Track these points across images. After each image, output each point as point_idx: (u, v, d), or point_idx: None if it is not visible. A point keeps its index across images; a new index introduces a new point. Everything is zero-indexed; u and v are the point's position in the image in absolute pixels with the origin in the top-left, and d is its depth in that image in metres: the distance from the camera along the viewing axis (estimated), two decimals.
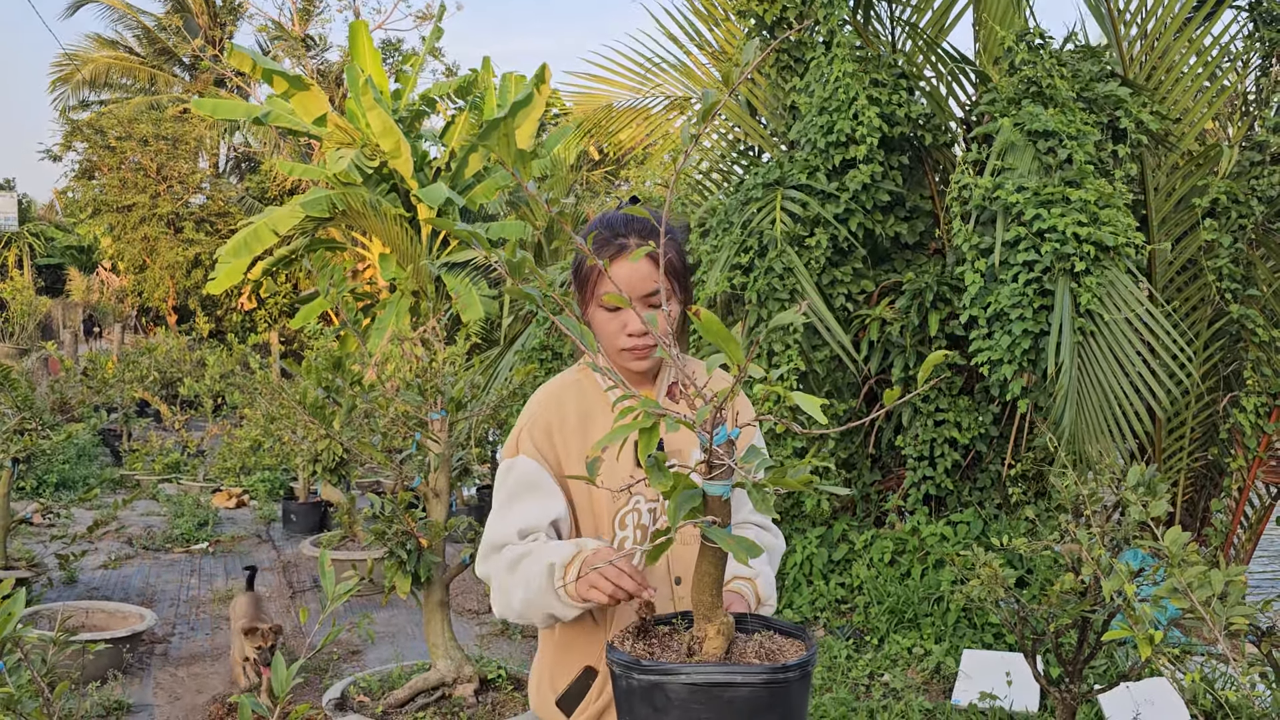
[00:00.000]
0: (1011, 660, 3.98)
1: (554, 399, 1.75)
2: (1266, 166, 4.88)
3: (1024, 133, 4.53)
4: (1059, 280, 4.30)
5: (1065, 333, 4.22)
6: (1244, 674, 2.18)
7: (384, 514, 3.29)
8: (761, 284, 4.88)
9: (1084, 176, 4.37)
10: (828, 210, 4.96)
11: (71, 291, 25.83)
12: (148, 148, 17.61)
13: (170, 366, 11.18)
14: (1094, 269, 4.27)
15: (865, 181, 4.95)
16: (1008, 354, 4.35)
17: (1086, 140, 4.48)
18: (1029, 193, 4.35)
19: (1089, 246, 4.23)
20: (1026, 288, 4.34)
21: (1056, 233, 4.26)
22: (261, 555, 6.91)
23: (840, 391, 5.31)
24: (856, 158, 4.99)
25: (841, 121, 4.97)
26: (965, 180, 4.62)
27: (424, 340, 4.89)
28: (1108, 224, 4.27)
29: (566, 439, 1.70)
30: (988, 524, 4.97)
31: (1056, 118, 4.48)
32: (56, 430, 6.96)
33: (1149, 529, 2.51)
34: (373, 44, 12.95)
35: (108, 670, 4.27)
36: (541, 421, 1.72)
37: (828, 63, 5.13)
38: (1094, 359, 4.35)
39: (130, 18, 21.66)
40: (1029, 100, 4.62)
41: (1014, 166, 4.52)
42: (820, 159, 5.06)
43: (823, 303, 4.91)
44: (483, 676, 3.66)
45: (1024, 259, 4.34)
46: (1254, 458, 4.91)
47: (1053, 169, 4.50)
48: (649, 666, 1.28)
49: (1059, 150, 4.49)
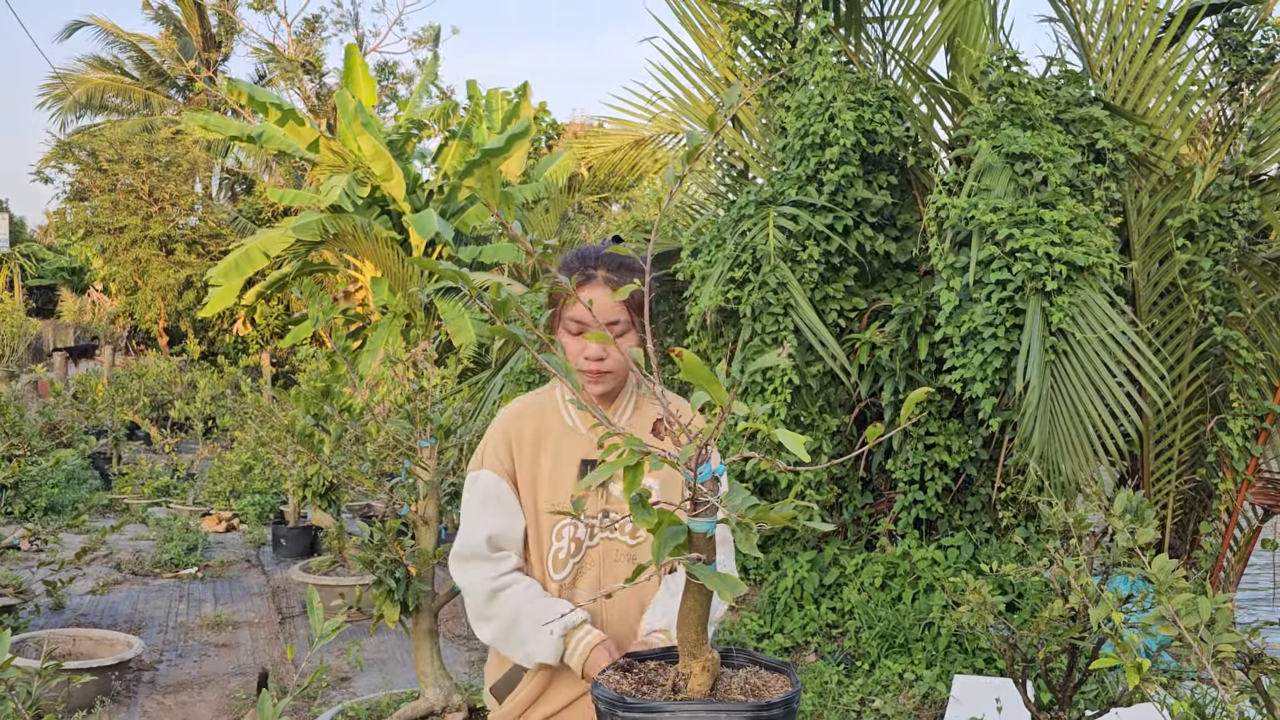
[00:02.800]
0: (1002, 686, 3.97)
1: (516, 416, 1.95)
2: (1245, 190, 4.94)
3: (1001, 155, 4.58)
4: (1030, 299, 4.34)
5: (1035, 351, 4.25)
6: (1232, 701, 2.19)
7: (372, 542, 3.28)
8: (755, 298, 4.90)
9: (1059, 198, 4.42)
10: (818, 221, 4.99)
11: (63, 313, 25.76)
12: (140, 169, 17.62)
13: (161, 389, 11.15)
14: (1066, 288, 4.31)
15: (837, 182, 4.96)
16: (979, 372, 4.38)
17: (1064, 162, 4.53)
18: (1004, 213, 4.40)
19: (1061, 266, 4.27)
20: (999, 306, 4.37)
21: (1029, 252, 4.30)
22: (251, 580, 6.87)
23: (833, 407, 5.32)
24: (830, 159, 5.02)
25: (816, 124, 5.00)
26: (942, 201, 4.66)
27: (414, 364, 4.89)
28: (1080, 244, 4.31)
29: (522, 454, 1.91)
30: (978, 548, 4.98)
31: (1034, 139, 4.54)
32: (45, 455, 6.92)
33: (1137, 555, 2.52)
34: (366, 68, 13.01)
35: (94, 699, 4.23)
36: (503, 438, 1.92)
37: (810, 70, 5.18)
38: (1066, 378, 4.38)
39: (124, 41, 21.73)
40: (1008, 123, 4.67)
41: (990, 187, 4.57)
42: (800, 167, 5.10)
43: (817, 317, 4.93)
44: (472, 705, 3.64)
45: (997, 278, 4.38)
46: (1242, 480, 4.93)
47: (1029, 190, 4.55)
48: (634, 704, 1.29)
49: (1035, 172, 4.54)
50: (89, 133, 20.71)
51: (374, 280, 12.39)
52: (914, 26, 5.65)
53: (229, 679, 4.81)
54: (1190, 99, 5.25)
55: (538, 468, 1.91)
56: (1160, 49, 5.09)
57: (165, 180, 17.79)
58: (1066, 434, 4.36)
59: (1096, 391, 4.35)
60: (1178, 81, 5.18)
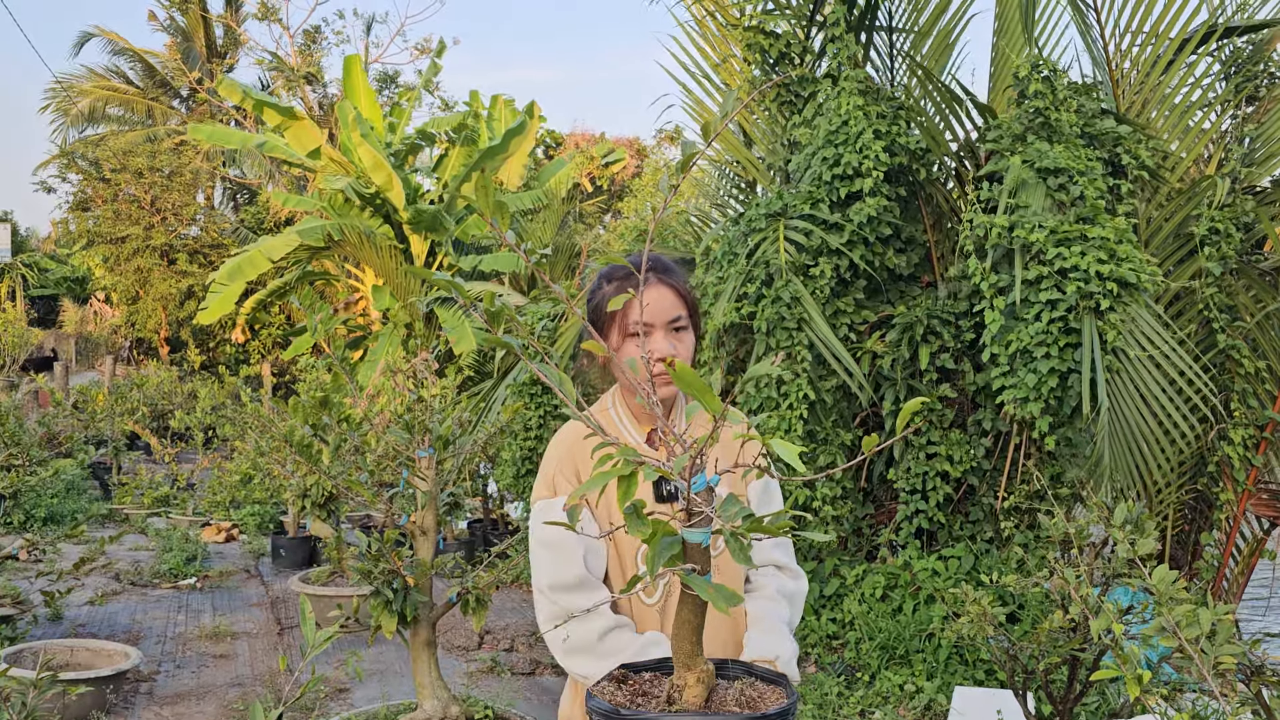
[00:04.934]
0: (1003, 698, 3.95)
1: (579, 439, 1.84)
2: (1238, 196, 4.96)
3: (1034, 170, 4.57)
4: (1084, 319, 4.32)
5: (1097, 371, 4.24)
6: (1233, 714, 2.17)
7: (370, 552, 3.26)
8: (770, 313, 4.90)
9: (1097, 213, 4.42)
10: (833, 240, 4.99)
11: (65, 323, 25.77)
12: (142, 180, 17.66)
13: (161, 399, 11.15)
14: (1117, 306, 4.31)
15: (871, 214, 4.99)
16: (1033, 392, 4.36)
17: (1095, 176, 4.54)
18: (1047, 231, 4.39)
19: (1112, 284, 4.27)
20: (1050, 326, 4.35)
21: (1079, 271, 4.29)
22: (250, 591, 6.86)
23: (846, 421, 5.31)
24: (862, 190, 5.04)
25: (848, 155, 5.02)
26: (979, 220, 4.64)
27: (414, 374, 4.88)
28: (1126, 260, 4.31)
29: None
30: (979, 558, 4.95)
31: (1065, 154, 4.54)
32: (44, 465, 6.92)
33: (1138, 566, 2.50)
34: (366, 78, 13.05)
35: (91, 710, 4.21)
36: (570, 461, 1.83)
37: (834, 95, 5.20)
38: (1119, 396, 4.40)
39: (128, 52, 21.82)
40: (1034, 136, 4.67)
41: (1027, 204, 4.55)
42: (824, 190, 5.11)
43: (830, 332, 4.92)
44: (470, 716, 3.62)
45: (1046, 297, 4.35)
46: (1243, 490, 4.91)
47: (1065, 206, 4.55)
48: (628, 715, 1.27)
49: (1070, 187, 4.53)
50: (92, 141, 20.77)
51: (375, 288, 12.40)
52: (923, 34, 5.66)
53: (227, 690, 4.79)
54: (1203, 116, 5.29)
55: (609, 489, 1.81)
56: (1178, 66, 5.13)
57: (168, 190, 17.83)
58: (1120, 453, 4.40)
59: (1149, 408, 4.38)
60: (1182, 94, 5.22)
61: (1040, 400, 4.35)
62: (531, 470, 6.23)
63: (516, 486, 6.39)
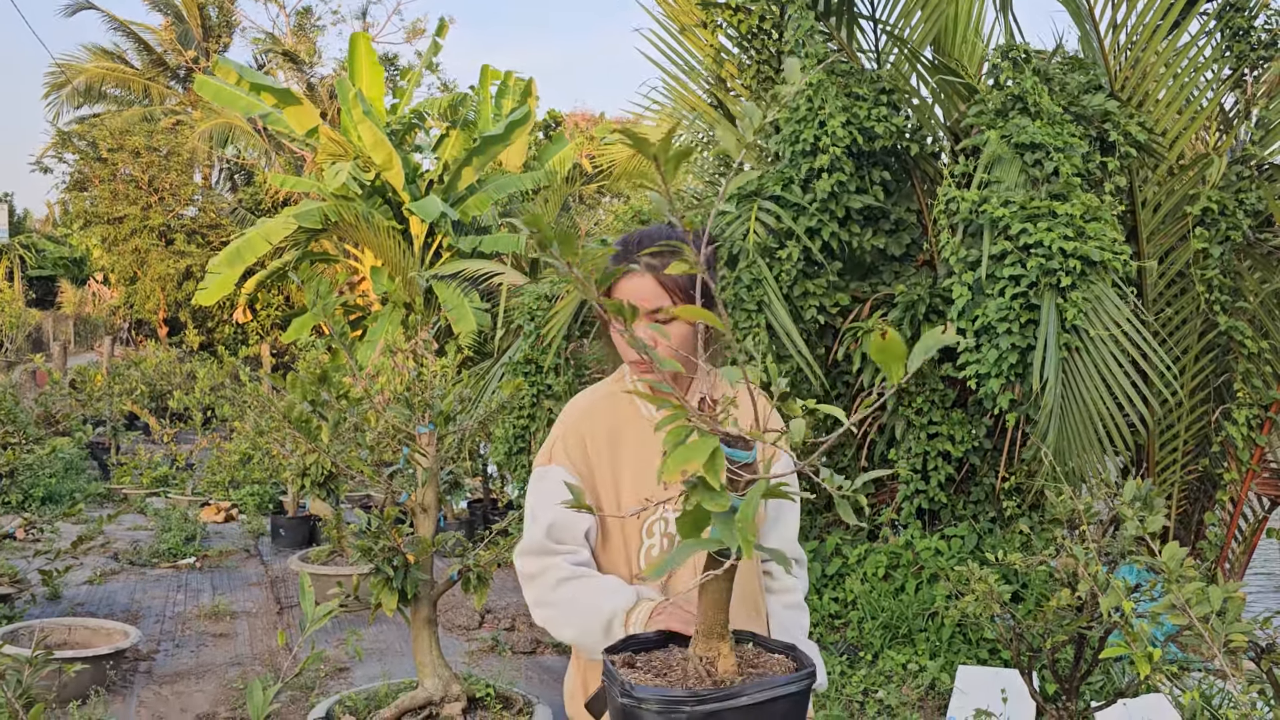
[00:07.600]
0: (1007, 677, 3.94)
1: (585, 414, 1.83)
2: (1255, 179, 4.88)
3: (1011, 145, 4.51)
4: (1045, 295, 4.28)
5: (1050, 348, 4.20)
6: (1243, 692, 2.15)
7: (370, 529, 3.24)
8: (729, 294, 4.85)
9: (1070, 189, 4.36)
10: (799, 224, 4.93)
11: (63, 304, 25.70)
12: (140, 159, 17.55)
13: (160, 379, 11.11)
14: (1080, 284, 4.26)
15: (829, 190, 4.90)
16: (994, 368, 4.33)
17: (1074, 153, 4.47)
18: (1015, 206, 4.34)
19: (1075, 261, 4.21)
20: (1013, 302, 4.32)
21: (1043, 247, 4.24)
22: (249, 570, 6.84)
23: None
24: (821, 167, 4.96)
25: (806, 131, 4.94)
26: (952, 194, 4.60)
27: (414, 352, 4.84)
28: (1094, 238, 4.26)
29: (600, 453, 1.79)
30: (982, 538, 4.94)
31: (1044, 130, 4.47)
32: (41, 444, 6.88)
33: (1145, 544, 2.47)
34: (373, 56, 12.96)
35: (89, 689, 4.20)
36: (575, 433, 1.81)
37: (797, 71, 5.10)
38: (1078, 374, 4.33)
39: (125, 29, 21.64)
40: (1016, 112, 4.61)
41: (1001, 179, 4.50)
42: (792, 170, 5.04)
43: (788, 315, 4.86)
44: (471, 695, 3.60)
45: (1010, 273, 4.32)
46: (1247, 470, 4.89)
47: (1040, 182, 4.49)
48: (706, 695, 1.23)
49: (1046, 163, 4.47)
50: (89, 123, 20.64)
51: (374, 269, 12.35)
52: (907, 13, 5.56)
53: (226, 669, 4.78)
54: (1202, 89, 5.19)
55: (619, 465, 1.79)
56: (1163, 34, 5.02)
57: (165, 170, 17.72)
58: (1075, 431, 4.32)
59: (1105, 385, 4.31)
60: (1179, 66, 5.12)
61: (1000, 377, 4.31)
62: (524, 449, 6.19)
63: (509, 464, 6.34)
